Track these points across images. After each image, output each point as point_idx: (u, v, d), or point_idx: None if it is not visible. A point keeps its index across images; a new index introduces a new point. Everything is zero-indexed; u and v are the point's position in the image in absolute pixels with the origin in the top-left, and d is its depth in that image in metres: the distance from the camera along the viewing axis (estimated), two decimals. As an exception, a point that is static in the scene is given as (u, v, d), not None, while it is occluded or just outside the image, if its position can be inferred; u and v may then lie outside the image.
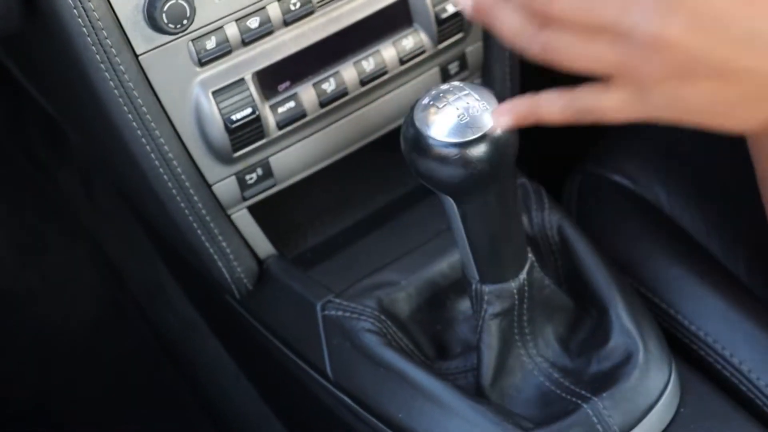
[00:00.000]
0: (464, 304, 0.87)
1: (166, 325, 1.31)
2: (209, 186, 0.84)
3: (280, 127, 0.83)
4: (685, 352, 0.87)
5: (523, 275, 0.78)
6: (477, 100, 0.70)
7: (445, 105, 0.70)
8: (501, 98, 0.95)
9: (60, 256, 1.42)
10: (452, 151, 0.69)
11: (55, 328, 1.37)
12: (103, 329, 1.38)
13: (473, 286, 0.78)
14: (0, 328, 1.37)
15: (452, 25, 0.87)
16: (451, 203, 0.74)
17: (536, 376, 0.82)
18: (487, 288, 0.78)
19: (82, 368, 1.35)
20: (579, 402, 0.78)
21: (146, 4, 0.75)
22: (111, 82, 0.77)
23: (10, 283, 1.40)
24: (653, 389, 0.79)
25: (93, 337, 1.37)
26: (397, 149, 0.75)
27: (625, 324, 0.81)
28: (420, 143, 0.70)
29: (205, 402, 1.25)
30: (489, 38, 0.92)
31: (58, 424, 1.32)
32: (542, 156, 1.06)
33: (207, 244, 0.86)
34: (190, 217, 0.84)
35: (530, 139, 0.98)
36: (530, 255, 0.79)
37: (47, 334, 1.37)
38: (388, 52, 0.86)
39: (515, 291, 0.78)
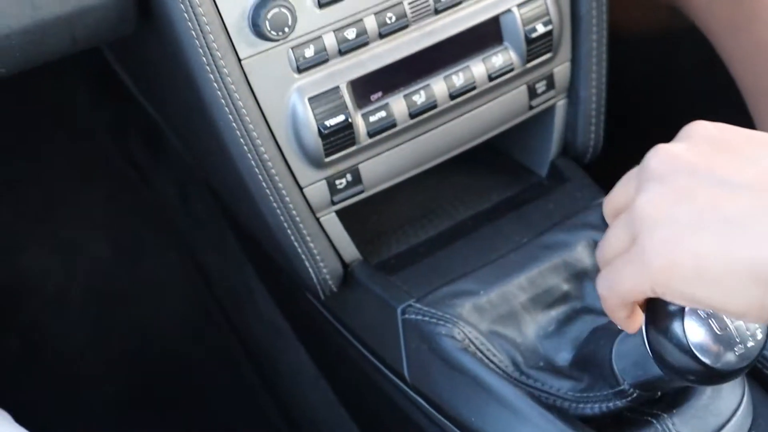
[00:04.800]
0: (543, 318, 0.88)
1: (250, 330, 1.34)
2: (301, 188, 0.87)
3: (370, 135, 0.86)
4: (757, 373, 0.87)
5: None
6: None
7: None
8: (586, 118, 0.97)
9: (153, 259, 1.47)
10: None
11: (145, 329, 1.42)
12: (190, 332, 1.42)
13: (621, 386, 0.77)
14: (94, 326, 1.42)
15: (541, 44, 0.90)
16: None
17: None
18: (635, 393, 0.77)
19: (167, 369, 1.40)
20: (649, 419, 0.79)
21: (252, 11, 0.80)
22: (215, 84, 0.81)
23: (106, 283, 1.45)
24: (725, 409, 0.79)
25: (180, 339, 1.42)
26: (481, 164, 0.77)
27: (699, 343, 0.82)
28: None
29: (283, 405, 1.28)
30: (577, 58, 0.94)
31: (141, 422, 1.37)
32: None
33: (296, 244, 0.89)
34: (282, 218, 0.88)
35: (614, 158, 1.00)
36: None
37: (137, 335, 1.42)
38: (477, 68, 0.89)
39: None
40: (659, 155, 0.61)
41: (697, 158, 0.59)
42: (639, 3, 1.13)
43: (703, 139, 0.61)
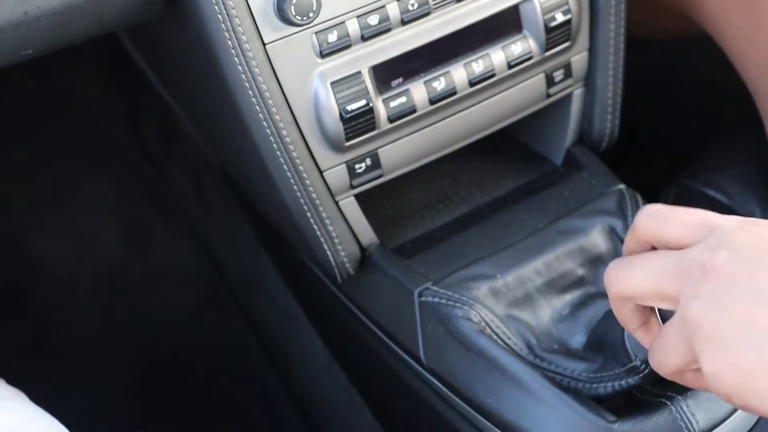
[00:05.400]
0: (558, 302, 0.89)
1: (262, 316, 1.35)
2: (321, 172, 0.88)
3: (391, 120, 0.88)
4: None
5: None
6: None
7: None
8: (603, 107, 0.99)
9: (165, 247, 1.48)
10: None
11: (156, 317, 1.43)
12: (201, 320, 1.43)
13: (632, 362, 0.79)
14: (105, 314, 1.43)
15: (560, 33, 0.91)
16: None
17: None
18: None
19: (179, 357, 1.41)
20: (663, 400, 0.81)
21: (277, -4, 0.81)
22: (239, 68, 0.82)
23: (117, 270, 1.46)
24: (738, 391, 0.81)
25: (191, 327, 1.43)
26: (497, 151, 0.78)
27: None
28: None
29: (294, 391, 1.29)
30: (594, 48, 0.95)
31: (152, 409, 1.38)
32: (640, 165, 1.08)
33: (315, 227, 0.90)
34: (302, 200, 0.89)
35: (629, 147, 1.01)
36: None
37: (148, 323, 1.43)
38: (497, 55, 0.90)
39: None
40: (700, 264, 0.64)
41: (735, 268, 0.62)
42: (650, 8, 1.14)
43: (737, 248, 0.63)
